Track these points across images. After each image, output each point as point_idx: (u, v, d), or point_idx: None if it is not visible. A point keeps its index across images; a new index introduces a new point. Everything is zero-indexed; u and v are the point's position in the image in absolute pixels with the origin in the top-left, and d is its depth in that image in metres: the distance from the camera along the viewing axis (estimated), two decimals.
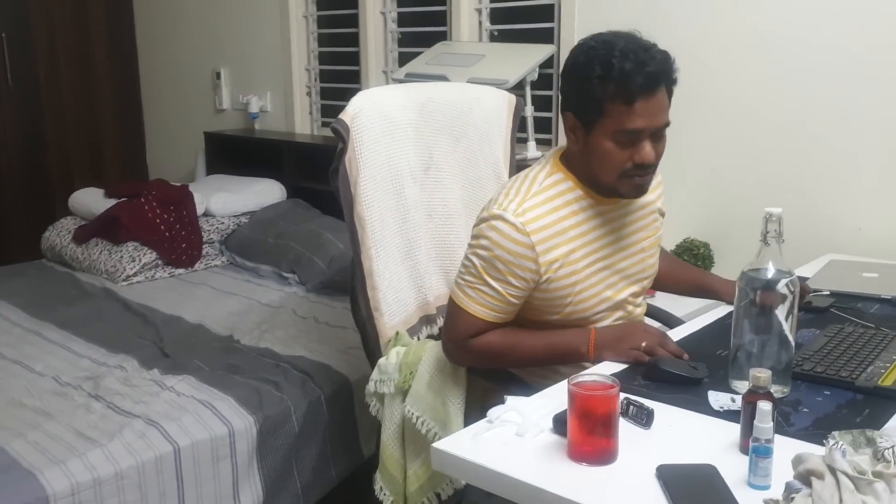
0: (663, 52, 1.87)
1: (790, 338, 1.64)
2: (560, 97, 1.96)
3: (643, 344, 1.85)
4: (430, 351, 2.16)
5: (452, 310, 1.99)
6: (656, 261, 2.18)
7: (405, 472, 2.19)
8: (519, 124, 2.73)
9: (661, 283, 2.39)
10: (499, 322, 1.96)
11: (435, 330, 2.40)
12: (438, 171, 2.45)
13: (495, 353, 1.98)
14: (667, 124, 1.89)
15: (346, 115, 2.22)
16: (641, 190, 1.94)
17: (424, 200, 2.40)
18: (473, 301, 1.94)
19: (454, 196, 2.49)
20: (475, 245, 1.94)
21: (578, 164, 1.95)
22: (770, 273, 1.62)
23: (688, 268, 2.56)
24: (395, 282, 2.30)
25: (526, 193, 1.93)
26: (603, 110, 1.82)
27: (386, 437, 2.21)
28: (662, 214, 2.21)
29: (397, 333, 2.27)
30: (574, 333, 1.96)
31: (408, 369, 2.15)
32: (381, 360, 2.23)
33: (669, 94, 1.89)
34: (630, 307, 2.11)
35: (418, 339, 2.33)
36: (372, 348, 2.31)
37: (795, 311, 1.65)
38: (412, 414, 2.11)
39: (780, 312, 1.62)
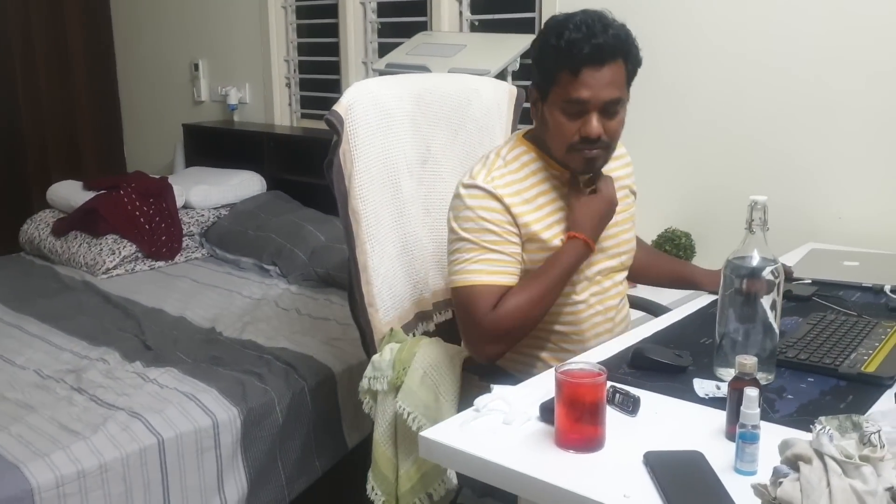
0: (621, 28, 1.89)
1: (774, 325, 1.65)
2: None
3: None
4: (425, 347, 2.13)
5: (463, 298, 1.95)
6: (632, 238, 2.20)
7: (397, 471, 2.14)
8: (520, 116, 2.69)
9: (643, 275, 2.40)
10: (510, 285, 1.94)
11: (431, 327, 2.38)
12: (436, 164, 2.41)
13: (525, 308, 1.91)
14: (618, 100, 1.89)
15: (340, 107, 2.16)
16: (591, 165, 1.96)
17: (422, 194, 2.36)
18: (481, 273, 1.92)
19: (451, 189, 2.45)
20: (459, 223, 1.96)
21: (542, 139, 2.01)
22: (755, 261, 1.63)
23: (669, 259, 2.58)
24: (390, 277, 2.25)
25: (491, 166, 1.99)
26: (553, 79, 1.87)
27: (378, 434, 2.15)
28: (634, 193, 2.24)
29: (391, 330, 2.23)
30: (564, 250, 1.95)
31: (401, 365, 2.10)
32: (375, 357, 2.18)
33: (629, 72, 1.92)
34: (606, 282, 2.12)
35: (413, 335, 2.28)
36: (369, 344, 2.26)
37: (780, 298, 1.65)
38: (403, 409, 2.06)
39: (765, 300, 1.63)
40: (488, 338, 1.94)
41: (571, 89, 1.85)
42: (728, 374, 1.63)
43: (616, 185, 2.07)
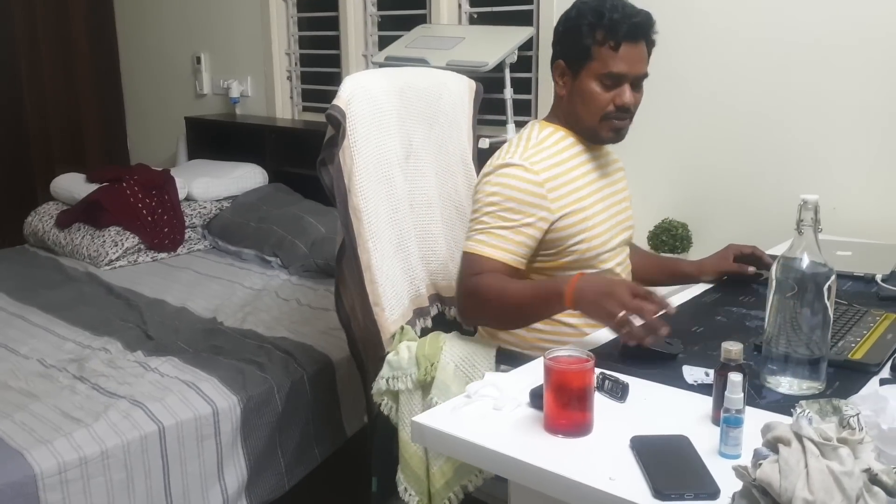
0: (647, 12, 2.10)
1: (824, 332, 1.58)
2: (552, 52, 2.14)
3: (622, 313, 1.73)
4: (451, 342, 2.12)
5: (463, 262, 2.03)
6: (632, 216, 2.32)
7: (428, 469, 2.09)
8: (480, 109, 2.69)
9: (637, 276, 2.42)
10: (509, 264, 1.99)
11: (428, 322, 2.37)
12: (417, 158, 2.39)
13: (489, 296, 1.95)
14: (645, 75, 2.10)
15: (340, 101, 2.13)
16: (620, 135, 2.13)
17: (407, 190, 2.33)
18: (486, 245, 1.99)
19: (430, 184, 2.44)
20: (485, 196, 2.03)
21: (564, 115, 2.14)
22: (805, 264, 1.55)
23: (658, 258, 2.65)
24: (390, 275, 2.24)
25: (525, 146, 2.09)
26: (591, 54, 2.03)
27: (406, 435, 2.11)
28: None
29: (402, 328, 2.21)
30: (560, 278, 2.00)
31: (426, 361, 2.08)
32: (391, 357, 2.15)
33: (649, 50, 2.12)
34: (622, 255, 2.23)
35: (415, 332, 2.27)
36: (358, 346, 2.23)
37: (832, 304, 1.57)
38: (439, 405, 2.04)
39: (815, 306, 1.55)
40: (461, 304, 2.07)
41: (612, 64, 2.02)
42: (777, 382, 1.59)
43: (617, 164, 2.31)
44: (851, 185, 2.83)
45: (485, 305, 1.99)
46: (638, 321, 1.72)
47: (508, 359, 2.06)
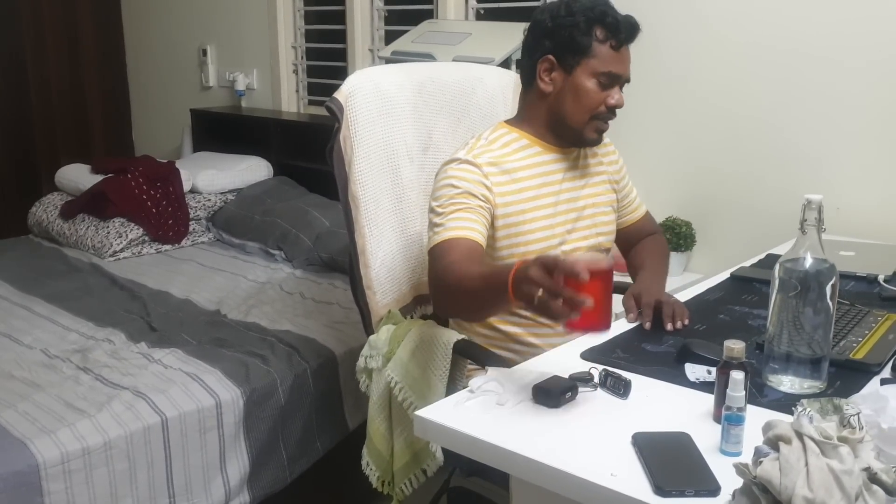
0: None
1: (827, 333, 1.58)
2: (531, 46, 2.09)
3: (539, 292, 1.48)
4: (420, 326, 2.18)
5: (429, 258, 1.97)
6: (611, 221, 2.27)
7: (392, 447, 2.19)
8: None
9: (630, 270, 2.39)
10: (471, 238, 1.93)
11: (429, 310, 2.40)
12: (438, 151, 2.44)
13: (449, 280, 1.85)
14: (629, 79, 2.09)
15: (340, 95, 2.23)
16: (601, 138, 2.13)
17: (423, 181, 2.39)
18: (445, 231, 1.94)
19: None
20: (436, 191, 2.03)
21: (541, 115, 2.11)
22: (807, 263, 1.55)
23: (641, 262, 2.37)
24: (388, 261, 2.30)
25: (473, 146, 2.09)
26: (591, 51, 2.00)
27: (372, 410, 2.21)
28: (615, 187, 2.29)
29: (389, 312, 2.28)
30: (507, 265, 1.67)
31: (396, 342, 2.17)
32: (372, 337, 2.24)
33: None
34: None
35: (411, 318, 2.33)
36: (368, 326, 2.31)
37: (834, 305, 1.58)
38: (391, 378, 2.12)
39: (817, 305, 1.55)
40: (431, 291, 2.03)
41: (611, 63, 2.01)
42: (778, 381, 1.60)
43: (596, 169, 2.23)
44: (855, 185, 2.83)
45: (445, 291, 1.89)
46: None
47: (468, 349, 2.09)
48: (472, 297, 1.80)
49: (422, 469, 2.13)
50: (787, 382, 1.59)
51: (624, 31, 2.01)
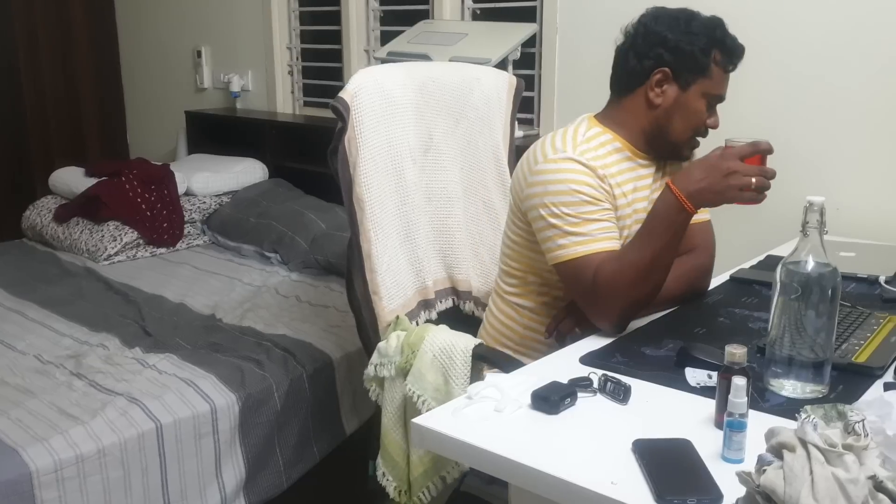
0: None
1: (829, 335, 1.56)
2: (643, 53, 2.01)
3: (752, 179, 1.81)
4: (434, 332, 2.13)
5: (570, 272, 1.92)
6: None
7: (408, 456, 2.14)
8: (520, 106, 2.69)
9: None
10: (613, 249, 1.91)
11: (433, 315, 2.38)
12: (438, 152, 2.41)
13: (620, 277, 1.85)
14: None
15: (346, 94, 2.16)
16: (693, 154, 2.14)
17: (424, 183, 2.36)
18: (583, 244, 1.89)
19: (453, 178, 2.45)
20: (551, 197, 1.92)
21: (644, 123, 2.04)
22: (810, 266, 1.53)
23: None
24: (393, 265, 2.25)
25: (573, 142, 1.99)
26: (708, 71, 2.00)
27: (387, 420, 2.17)
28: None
29: (398, 318, 2.23)
30: (660, 204, 1.87)
31: (409, 350, 2.11)
32: (381, 344, 2.19)
33: None
34: None
35: (417, 323, 2.29)
36: (368, 332, 2.26)
37: (836, 307, 1.56)
38: (413, 392, 2.07)
39: (820, 308, 1.54)
40: (601, 305, 1.89)
41: (721, 86, 2.04)
42: (780, 385, 1.58)
43: (660, 183, 2.11)
44: (855, 185, 2.81)
45: (624, 290, 1.85)
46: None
47: (487, 354, 2.08)
48: (652, 260, 1.85)
49: (440, 476, 2.09)
50: (789, 387, 1.57)
51: (738, 57, 2.03)
